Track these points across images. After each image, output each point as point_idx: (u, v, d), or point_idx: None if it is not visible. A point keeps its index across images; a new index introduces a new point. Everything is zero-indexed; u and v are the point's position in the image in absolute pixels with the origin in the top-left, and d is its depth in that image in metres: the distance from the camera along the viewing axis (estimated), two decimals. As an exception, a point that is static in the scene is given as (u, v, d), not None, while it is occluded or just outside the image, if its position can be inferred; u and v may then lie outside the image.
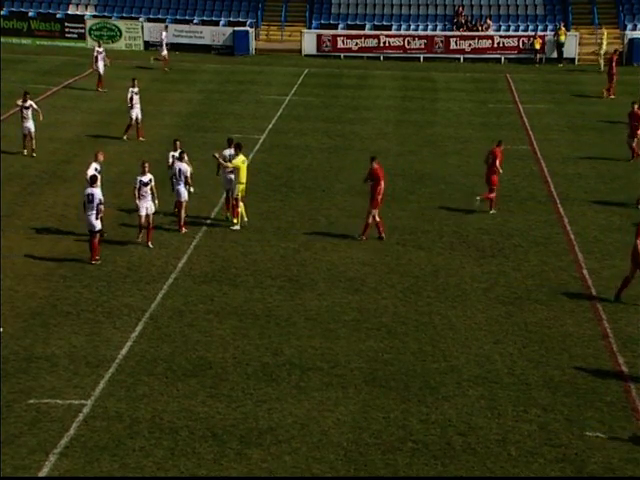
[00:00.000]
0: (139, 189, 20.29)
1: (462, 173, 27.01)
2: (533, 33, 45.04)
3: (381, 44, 45.48)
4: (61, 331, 16.65)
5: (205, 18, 48.76)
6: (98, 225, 19.43)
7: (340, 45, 45.73)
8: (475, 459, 13.06)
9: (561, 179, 26.32)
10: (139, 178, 20.40)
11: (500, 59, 44.77)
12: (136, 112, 29.60)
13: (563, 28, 43.96)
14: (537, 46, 44.40)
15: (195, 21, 48.53)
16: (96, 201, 19.27)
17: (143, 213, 20.41)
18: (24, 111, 27.68)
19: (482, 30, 45.90)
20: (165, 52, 42.03)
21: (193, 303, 17.97)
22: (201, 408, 14.20)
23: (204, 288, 18.66)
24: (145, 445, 13.24)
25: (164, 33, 43.31)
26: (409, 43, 45.40)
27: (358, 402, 14.45)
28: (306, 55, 45.77)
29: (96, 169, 20.88)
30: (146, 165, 20.52)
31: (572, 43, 44.48)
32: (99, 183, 20.05)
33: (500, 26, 46.48)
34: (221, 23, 48.32)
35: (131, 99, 29.50)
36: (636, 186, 25.70)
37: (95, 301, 17.91)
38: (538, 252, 20.88)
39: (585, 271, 19.70)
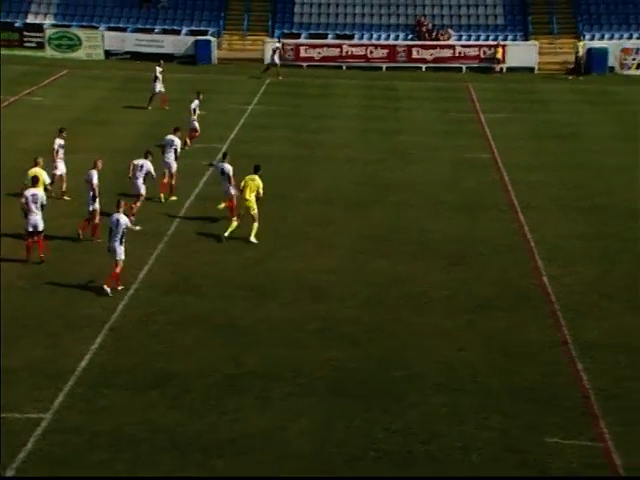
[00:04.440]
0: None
1: (426, 181, 27.16)
2: (494, 42, 45.50)
3: (343, 53, 45.66)
4: (20, 344, 16.42)
5: (167, 27, 48.61)
6: (41, 225, 19.88)
7: (303, 54, 45.82)
8: (436, 467, 13.10)
9: (522, 187, 26.56)
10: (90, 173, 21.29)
11: (461, 68, 45.17)
12: None
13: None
14: (498, 55, 44.85)
15: (156, 30, 48.36)
16: (39, 201, 19.87)
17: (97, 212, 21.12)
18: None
19: (443, 40, 46.28)
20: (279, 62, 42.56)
21: (155, 314, 17.84)
22: (163, 420, 14.09)
23: (166, 298, 18.54)
24: (105, 458, 13.10)
25: (277, 45, 43.46)
26: (371, 52, 45.63)
27: (321, 412, 14.43)
28: (268, 64, 45.74)
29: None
30: (98, 163, 21.64)
31: (532, 52, 45.00)
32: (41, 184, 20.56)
33: (461, 36, 46.90)
34: (183, 32, 48.21)
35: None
36: (596, 193, 26.04)
37: (55, 313, 17.71)
38: (500, 260, 21.03)
39: (545, 278, 19.88)
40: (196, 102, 30.60)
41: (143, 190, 22.82)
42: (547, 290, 19.26)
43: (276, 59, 43.17)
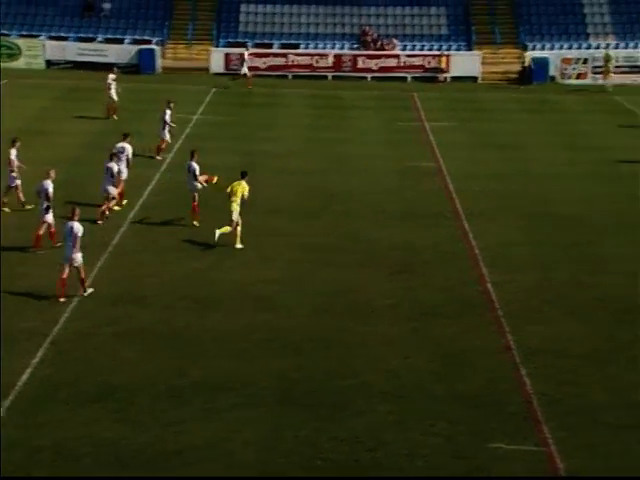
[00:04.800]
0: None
1: (371, 190, 27.28)
2: (438, 52, 45.98)
3: (289, 62, 45.70)
4: (-41, 358, 16.07)
5: (109, 36, 48.13)
6: None
7: (248, 63, 45.70)
8: (383, 475, 13.12)
9: (466, 195, 26.84)
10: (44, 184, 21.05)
11: (406, 78, 45.55)
12: None
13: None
14: (442, 65, 45.33)
15: (99, 39, 47.86)
16: None
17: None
18: None
19: (388, 49, 46.64)
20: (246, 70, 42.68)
21: (98, 326, 17.60)
22: (106, 434, 13.88)
23: (109, 310, 18.31)
24: (46, 474, 12.85)
25: (247, 53, 43.52)
26: (317, 62, 45.76)
27: (268, 422, 14.37)
28: (214, 73, 45.64)
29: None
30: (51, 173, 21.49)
31: (475, 62, 45.57)
32: None
33: (406, 46, 47.31)
34: (126, 41, 47.78)
35: None
36: (537, 201, 26.43)
37: (-5, 326, 17.36)
38: (445, 267, 21.20)
39: (489, 285, 20.09)
40: (168, 112, 30.60)
41: (113, 191, 23.46)
42: (491, 297, 19.47)
43: (245, 68, 43.19)
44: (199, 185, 23.38)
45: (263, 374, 15.86)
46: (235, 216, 21.72)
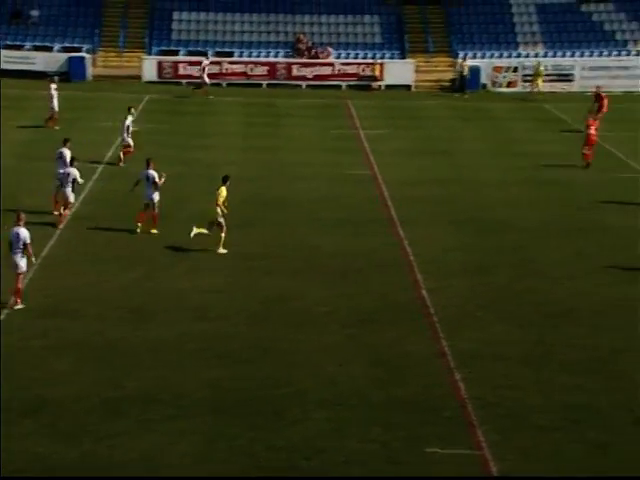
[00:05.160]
0: None
1: (308, 198, 27.31)
2: (372, 60, 46.30)
3: (223, 70, 45.53)
4: None
5: (38, 44, 47.26)
6: None
7: (181, 72, 45.45)
8: (320, 483, 13.11)
9: (401, 202, 27.02)
10: None
11: (341, 86, 45.77)
12: None
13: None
14: (376, 73, 45.66)
15: (27, 47, 46.99)
16: None
17: None
18: None
19: (323, 57, 46.83)
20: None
21: (28, 339, 17.21)
22: (37, 449, 13.57)
23: (40, 323, 17.92)
24: (-24, 492, 12.52)
25: (206, 62, 43.21)
26: (252, 70, 45.69)
27: (203, 433, 14.22)
28: (146, 82, 45.20)
29: None
30: None
31: (409, 70, 46.02)
32: None
33: (340, 54, 47.55)
34: (55, 49, 47.00)
35: None
36: (471, 207, 26.76)
37: None
38: (381, 274, 21.31)
39: (424, 291, 20.26)
40: (130, 118, 30.69)
41: (72, 198, 23.71)
42: (426, 303, 19.63)
43: (205, 77, 42.88)
44: (157, 196, 23.34)
45: (198, 384, 15.71)
46: (220, 220, 22.13)
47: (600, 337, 18.07)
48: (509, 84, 45.39)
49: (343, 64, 46.23)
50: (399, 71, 45.82)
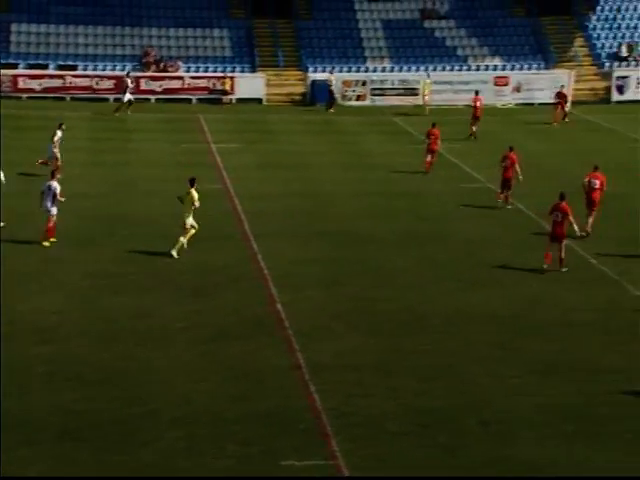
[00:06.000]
0: None
1: (160, 213, 26.86)
2: (222, 74, 46.19)
3: (67, 84, 44.27)
4: None
5: None
6: None
7: (21, 85, 43.85)
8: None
9: (254, 216, 27.01)
10: None
11: (191, 99, 45.38)
12: None
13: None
14: (227, 87, 45.56)
15: None
16: None
17: None
18: None
19: (172, 71, 46.32)
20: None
21: None
22: None
23: None
24: None
25: (129, 80, 42.38)
26: (97, 83, 44.64)
27: (50, 459, 13.68)
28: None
29: None
30: None
31: (259, 84, 46.20)
32: None
33: (190, 67, 47.18)
34: None
35: None
36: (323, 220, 27.05)
37: None
38: (236, 289, 21.21)
39: (279, 305, 20.27)
40: (59, 134, 30.85)
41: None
42: (281, 316, 19.65)
43: (127, 95, 41.90)
44: (55, 210, 23.50)
45: (44, 409, 15.11)
46: (189, 223, 22.98)
47: (448, 342, 18.59)
48: (358, 98, 46.30)
49: (193, 78, 45.90)
50: (250, 85, 45.93)
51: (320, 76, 46.63)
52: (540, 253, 23.16)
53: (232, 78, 45.72)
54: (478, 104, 38.78)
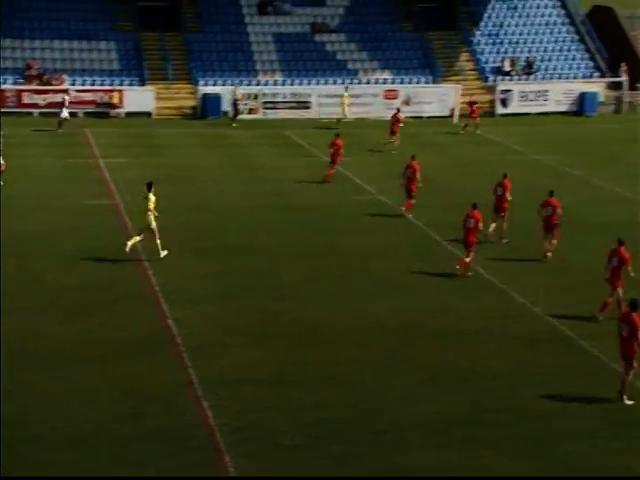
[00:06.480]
0: None
1: (47, 230, 26.10)
2: (110, 87, 45.30)
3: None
4: None
5: None
6: None
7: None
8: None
9: (144, 231, 26.44)
10: None
11: (77, 113, 44.31)
12: None
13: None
14: (115, 100, 44.72)
15: None
16: None
17: None
18: None
19: (57, 84, 45.13)
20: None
21: None
22: None
23: None
24: None
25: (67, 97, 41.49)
26: (-25, 97, 43.16)
27: None
28: None
29: None
30: None
31: (149, 97, 45.53)
32: None
33: (75, 80, 46.06)
34: None
35: None
36: (215, 234, 26.77)
37: None
38: (125, 306, 20.77)
39: (170, 321, 19.92)
40: None
41: None
42: (172, 332, 19.31)
43: (65, 112, 40.78)
44: None
45: None
46: (152, 226, 23.64)
47: (343, 354, 18.63)
48: (250, 111, 46.18)
49: (79, 91, 44.84)
50: (139, 98, 45.20)
51: (211, 89, 46.32)
52: (432, 263, 23.56)
53: (120, 91, 44.83)
54: (397, 120, 39.30)
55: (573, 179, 32.93)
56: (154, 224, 23.78)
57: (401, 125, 39.24)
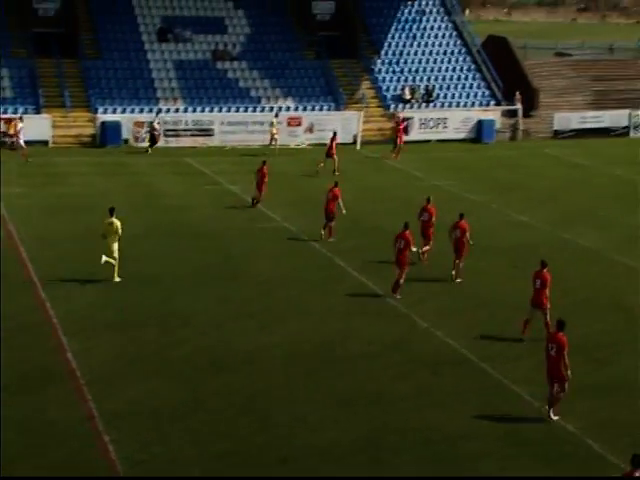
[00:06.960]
0: None
1: None
2: (6, 116, 43.99)
3: None
4: None
5: None
6: None
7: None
8: None
9: (41, 262, 25.76)
10: None
11: (-31, 143, 42.88)
12: None
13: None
14: (11, 131, 43.33)
15: None
16: None
17: None
18: None
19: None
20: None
21: None
22: None
23: None
24: None
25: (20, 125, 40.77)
26: None
27: None
28: None
29: None
30: None
31: (45, 125, 44.44)
32: None
33: (-35, 109, 44.62)
34: None
35: None
36: (120, 262, 26.18)
37: None
38: (22, 339, 20.08)
39: (69, 354, 19.32)
40: None
41: None
42: (72, 366, 18.71)
43: (20, 140, 39.85)
44: None
45: None
46: (115, 249, 23.91)
47: (247, 382, 18.39)
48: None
49: (-29, 120, 43.44)
50: (35, 126, 43.84)
51: (110, 117, 45.54)
52: (336, 288, 23.55)
53: (21, 118, 43.14)
54: (334, 144, 39.90)
55: (472, 204, 33.58)
56: (114, 248, 24.04)
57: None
